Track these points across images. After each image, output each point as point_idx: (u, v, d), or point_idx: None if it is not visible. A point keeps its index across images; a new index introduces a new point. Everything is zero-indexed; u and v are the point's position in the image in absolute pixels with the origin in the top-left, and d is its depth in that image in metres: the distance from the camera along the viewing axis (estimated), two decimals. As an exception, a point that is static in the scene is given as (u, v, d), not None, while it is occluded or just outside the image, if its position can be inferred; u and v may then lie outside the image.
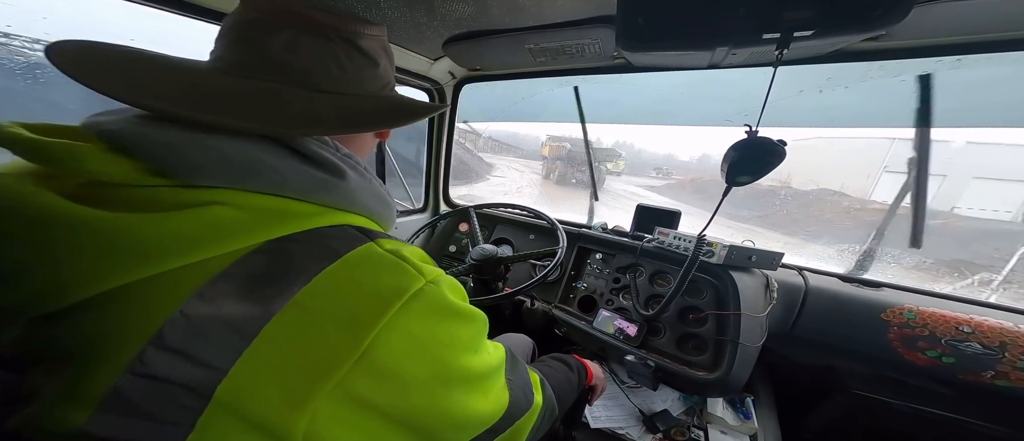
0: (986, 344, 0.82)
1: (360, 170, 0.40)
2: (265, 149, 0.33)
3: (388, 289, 0.32)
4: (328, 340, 0.28)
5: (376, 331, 0.29)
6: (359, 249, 0.33)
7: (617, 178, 6.92)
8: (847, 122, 1.23)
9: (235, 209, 0.30)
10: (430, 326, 0.34)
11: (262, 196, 0.32)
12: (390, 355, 0.30)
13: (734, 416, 0.94)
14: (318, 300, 0.29)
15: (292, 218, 0.32)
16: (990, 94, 0.91)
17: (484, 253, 1.13)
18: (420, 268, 0.34)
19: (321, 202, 0.35)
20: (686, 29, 0.65)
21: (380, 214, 0.42)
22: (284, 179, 0.33)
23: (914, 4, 0.54)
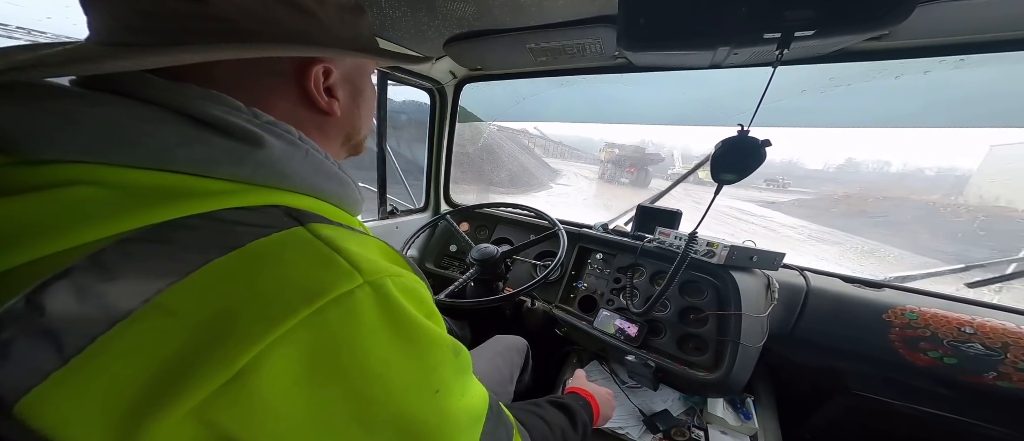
0: (988, 345, 0.81)
1: (291, 139, 0.31)
2: (141, 112, 0.26)
3: (300, 288, 0.24)
4: (192, 354, 0.21)
5: (263, 346, 0.22)
6: (276, 235, 0.25)
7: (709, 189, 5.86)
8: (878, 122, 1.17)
9: (100, 188, 0.23)
10: (355, 344, 0.25)
11: (142, 172, 0.24)
12: (278, 382, 0.22)
13: (735, 416, 0.94)
14: (192, 304, 0.22)
15: (185, 197, 0.25)
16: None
17: (484, 253, 1.13)
18: (358, 262, 0.26)
19: (234, 177, 0.27)
20: (687, 29, 0.65)
21: (331, 192, 0.34)
22: (168, 148, 0.25)
23: (917, 3, 0.54)
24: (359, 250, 0.28)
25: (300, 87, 0.35)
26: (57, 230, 0.22)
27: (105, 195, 0.23)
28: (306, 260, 0.25)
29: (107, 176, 0.24)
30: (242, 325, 0.22)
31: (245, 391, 0.22)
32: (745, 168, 0.69)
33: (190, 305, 0.22)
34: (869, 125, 1.13)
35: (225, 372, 0.21)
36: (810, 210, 3.88)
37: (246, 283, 0.23)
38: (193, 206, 0.25)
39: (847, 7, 0.54)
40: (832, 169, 12.21)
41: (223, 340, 0.22)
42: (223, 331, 0.22)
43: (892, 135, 21.17)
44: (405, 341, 0.28)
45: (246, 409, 0.22)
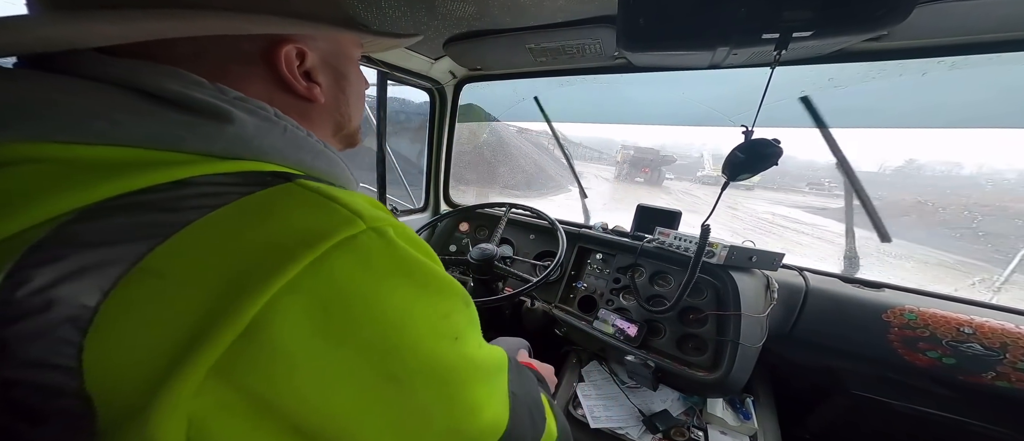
0: (987, 345, 0.81)
1: (266, 115, 0.29)
2: (79, 90, 0.24)
3: (297, 235, 0.22)
4: (193, 313, 0.20)
5: (269, 295, 0.21)
6: (263, 191, 0.24)
7: (749, 193, 5.11)
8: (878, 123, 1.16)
9: (49, 165, 0.22)
10: (368, 290, 0.23)
11: (92, 147, 0.23)
12: (293, 334, 0.21)
13: (734, 416, 0.94)
14: (180, 262, 0.21)
15: (148, 167, 0.23)
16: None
17: (484, 253, 1.13)
18: (358, 209, 0.25)
19: (200, 150, 0.25)
20: (686, 29, 0.65)
21: (317, 168, 0.31)
22: (113, 124, 0.23)
23: (916, 4, 0.54)
24: (354, 199, 0.26)
25: (272, 71, 0.31)
26: (11, 208, 0.20)
27: (55, 170, 0.22)
28: (301, 208, 0.24)
29: (54, 152, 0.22)
30: (241, 278, 0.21)
31: (261, 346, 0.21)
32: (758, 166, 0.73)
33: (179, 264, 0.21)
34: (883, 125, 1.11)
35: (234, 327, 0.20)
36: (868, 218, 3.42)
37: (238, 237, 0.22)
38: (159, 175, 0.23)
39: (845, 8, 0.55)
40: (889, 172, 11.30)
41: (223, 295, 0.20)
42: (222, 287, 0.21)
43: (953, 135, 19.77)
44: (419, 286, 0.26)
45: (267, 366, 0.21)
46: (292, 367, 0.21)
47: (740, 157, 0.72)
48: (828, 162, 1.10)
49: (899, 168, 3.10)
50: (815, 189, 4.27)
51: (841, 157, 1.00)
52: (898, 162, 2.85)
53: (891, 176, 3.34)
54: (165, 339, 0.20)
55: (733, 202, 4.30)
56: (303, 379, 0.22)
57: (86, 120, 0.23)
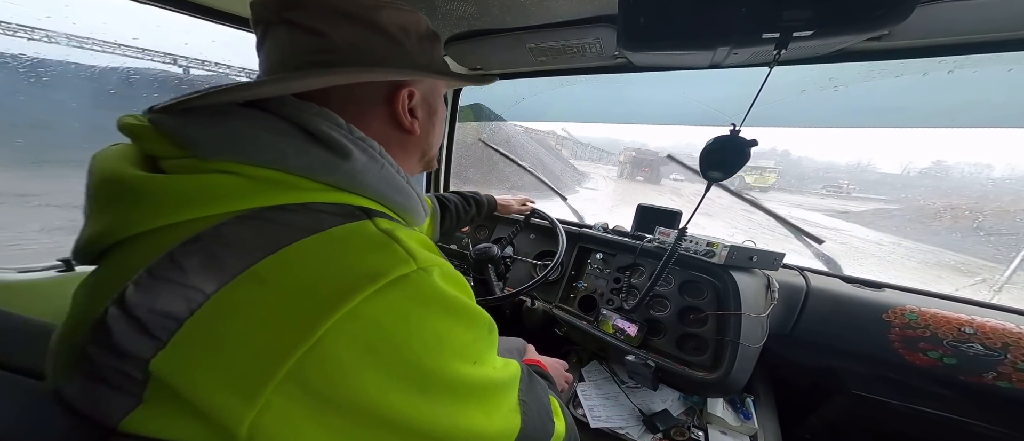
0: (988, 345, 0.81)
1: (372, 154, 0.38)
2: (273, 127, 0.34)
3: (363, 270, 0.28)
4: (279, 321, 0.26)
5: (336, 317, 0.26)
6: (348, 225, 0.32)
7: (763, 195, 5.08)
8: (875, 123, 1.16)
9: (235, 177, 0.31)
10: (412, 320, 0.30)
11: (265, 169, 0.32)
12: (351, 349, 0.27)
13: (734, 416, 0.94)
14: (280, 274, 0.27)
15: (288, 189, 0.33)
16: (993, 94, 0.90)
17: (484, 252, 1.13)
18: (413, 252, 0.31)
19: (324, 181, 0.35)
20: (687, 29, 0.65)
21: (396, 202, 0.40)
22: (284, 155, 0.33)
23: (917, 4, 0.54)
24: (412, 241, 0.33)
25: (390, 109, 0.42)
26: (199, 200, 0.30)
27: (236, 181, 0.31)
28: (368, 246, 0.31)
29: (244, 170, 0.32)
30: (319, 298, 0.27)
31: (325, 356, 0.26)
32: (732, 167, 0.70)
33: (278, 275, 0.27)
34: (891, 125, 1.10)
35: (308, 339, 0.25)
36: (897, 222, 3.17)
37: (322, 262, 0.29)
38: (294, 196, 0.33)
39: (846, 7, 0.54)
40: (914, 173, 11.11)
41: (304, 310, 0.26)
42: (304, 302, 0.26)
43: (983, 135, 18.59)
44: (452, 318, 0.33)
45: (330, 371, 0.26)
46: (347, 374, 0.27)
47: (707, 148, 0.71)
48: (847, 163, 1.08)
49: (926, 170, 2.85)
50: (832, 190, 4.14)
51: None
52: (924, 164, 2.67)
53: (918, 177, 3.10)
54: (254, 336, 0.25)
55: (748, 206, 4.21)
56: (355, 384, 0.27)
57: (269, 150, 0.33)
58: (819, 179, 3.95)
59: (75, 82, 1.16)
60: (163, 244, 0.28)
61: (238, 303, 0.26)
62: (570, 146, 4.60)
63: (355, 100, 0.40)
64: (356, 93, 0.40)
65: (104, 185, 0.32)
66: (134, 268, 0.27)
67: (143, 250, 0.28)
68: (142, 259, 0.28)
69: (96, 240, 0.31)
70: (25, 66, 1.06)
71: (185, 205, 0.30)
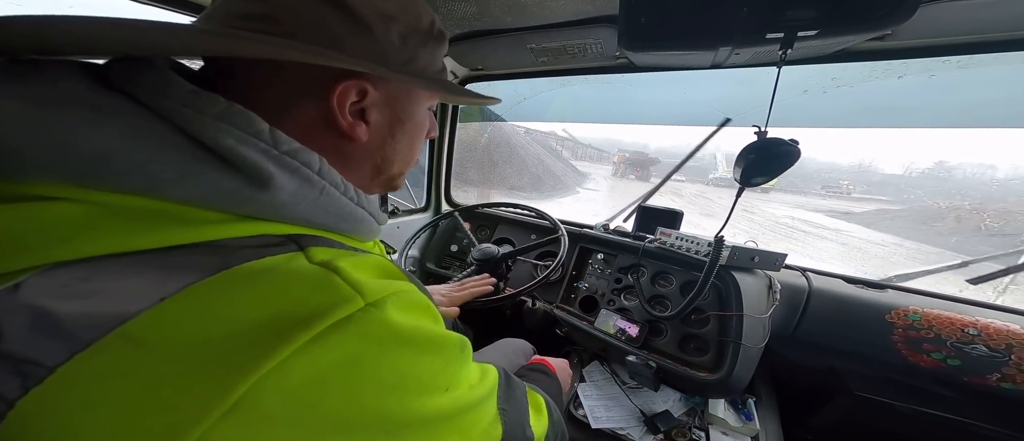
0: (992, 346, 0.81)
1: (307, 175, 0.29)
2: (140, 132, 0.24)
3: (294, 315, 0.22)
4: (175, 389, 0.19)
5: (259, 375, 0.20)
6: (267, 259, 0.24)
7: (764, 197, 4.81)
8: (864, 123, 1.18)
9: (81, 206, 0.22)
10: (365, 365, 0.24)
11: (123, 196, 0.23)
12: (286, 406, 0.21)
13: (736, 417, 0.94)
14: (164, 332, 0.20)
15: (169, 223, 0.24)
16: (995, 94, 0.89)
17: (485, 253, 1.13)
18: (359, 285, 0.25)
19: (230, 211, 0.26)
20: (688, 29, 0.65)
21: (342, 230, 0.33)
22: (158, 182, 0.23)
23: (920, 3, 0.54)
24: (358, 272, 0.27)
25: (325, 102, 0.32)
26: (34, 244, 0.21)
27: (86, 213, 0.22)
28: (301, 284, 0.24)
29: (91, 196, 0.22)
30: (231, 357, 0.20)
31: (249, 417, 0.20)
32: (777, 168, 0.70)
33: (163, 335, 0.20)
34: (893, 125, 1.11)
35: (221, 404, 0.19)
36: (900, 222, 3.18)
37: (231, 309, 0.22)
38: (181, 235, 0.24)
39: (850, 7, 0.54)
40: (916, 174, 11.12)
41: (209, 373, 0.20)
42: (208, 363, 0.20)
43: (986, 135, 17.29)
44: (415, 351, 0.28)
45: (257, 433, 0.20)
46: (283, 434, 0.21)
47: (751, 158, 0.70)
48: (850, 163, 1.08)
49: (928, 170, 2.87)
50: (830, 191, 4.09)
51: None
52: (927, 164, 2.66)
53: (920, 178, 3.11)
54: (132, 414, 0.19)
55: (754, 206, 4.20)
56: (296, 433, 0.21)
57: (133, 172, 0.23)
58: (817, 180, 3.90)
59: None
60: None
61: (100, 375, 0.19)
62: (570, 146, 4.66)
63: (286, 83, 0.31)
64: (286, 81, 0.31)
65: None
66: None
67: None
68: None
69: None
70: None
71: (12, 254, 0.21)
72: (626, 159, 7.06)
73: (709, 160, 6.71)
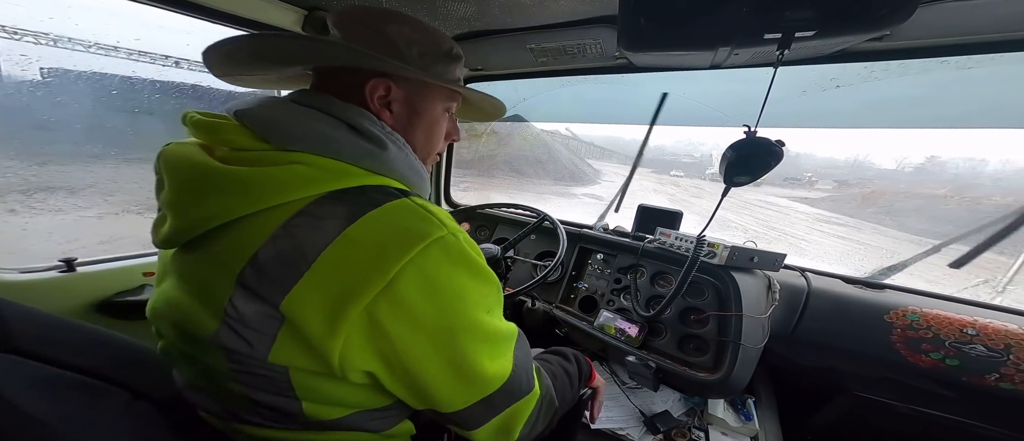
0: (991, 347, 0.81)
1: (400, 145, 0.49)
2: (331, 124, 0.44)
3: (414, 231, 0.38)
4: (363, 267, 0.35)
5: (401, 265, 0.36)
6: (397, 201, 0.41)
7: (756, 188, 5.17)
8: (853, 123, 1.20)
9: (310, 167, 0.40)
10: (445, 272, 0.39)
11: (327, 160, 0.42)
12: (409, 290, 0.36)
13: (735, 417, 0.94)
14: (361, 234, 0.37)
15: (346, 176, 0.42)
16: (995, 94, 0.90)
17: (485, 253, 1.13)
18: (444, 220, 0.41)
19: (367, 167, 0.44)
20: (688, 29, 0.65)
21: (413, 182, 0.50)
22: (341, 148, 0.43)
23: (918, 4, 0.54)
24: (441, 213, 0.42)
25: (362, 93, 0.49)
26: (293, 187, 0.39)
27: (312, 171, 0.40)
28: (415, 215, 0.40)
29: (313, 160, 0.41)
30: (389, 252, 0.36)
31: (393, 294, 0.36)
32: (760, 168, 0.70)
33: (362, 237, 0.37)
34: (887, 126, 1.11)
35: (382, 281, 0.35)
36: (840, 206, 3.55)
37: (388, 225, 0.38)
38: (351, 180, 0.42)
39: (848, 8, 0.54)
40: (909, 169, 11.22)
41: (380, 261, 0.36)
42: (379, 255, 0.36)
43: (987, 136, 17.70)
44: (473, 274, 0.42)
45: (393, 306, 0.36)
46: (404, 309, 0.37)
47: (735, 157, 0.70)
48: (846, 160, 1.09)
49: (921, 166, 3.13)
50: (789, 181, 4.47)
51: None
52: (919, 160, 2.83)
53: (913, 173, 3.41)
54: (348, 279, 0.35)
55: (748, 201, 4.34)
56: (406, 317, 0.37)
57: (330, 144, 0.43)
58: (779, 173, 4.19)
59: (77, 84, 1.17)
60: (272, 220, 0.37)
61: (337, 256, 0.36)
62: (574, 145, 4.74)
63: (358, 91, 0.49)
64: (356, 84, 0.49)
65: (196, 178, 0.39)
66: (249, 241, 0.37)
67: (254, 227, 0.37)
68: (255, 234, 0.37)
69: (197, 224, 0.39)
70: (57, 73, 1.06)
71: (280, 191, 0.38)
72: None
73: (706, 158, 6.84)
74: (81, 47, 1.13)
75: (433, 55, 0.52)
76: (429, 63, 0.52)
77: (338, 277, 0.35)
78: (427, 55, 0.52)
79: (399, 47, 0.50)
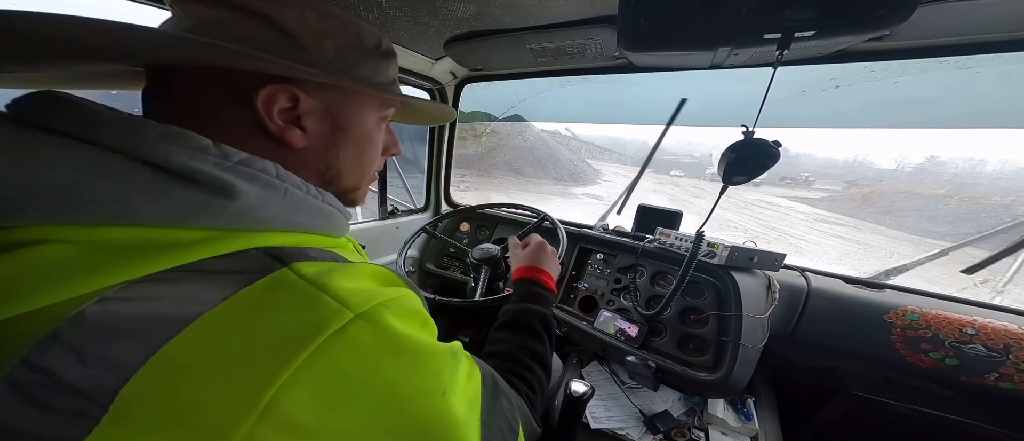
0: (990, 346, 0.81)
1: (267, 180, 0.31)
2: (102, 166, 0.25)
3: (293, 332, 0.24)
4: (215, 398, 0.22)
5: (279, 384, 0.23)
6: (259, 283, 0.26)
7: (755, 188, 5.32)
8: (852, 123, 1.20)
9: (68, 246, 0.23)
10: (363, 369, 0.26)
11: (109, 228, 0.24)
12: (304, 409, 0.24)
13: (735, 417, 0.94)
14: (190, 354, 0.22)
15: (161, 250, 0.25)
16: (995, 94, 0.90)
17: (485, 252, 1.13)
18: (345, 298, 0.27)
19: (209, 227, 0.27)
20: (687, 29, 0.65)
21: (315, 228, 0.34)
22: (131, 209, 0.25)
23: (918, 4, 0.54)
24: (345, 284, 0.28)
25: (252, 107, 0.32)
26: (29, 289, 0.22)
27: (73, 252, 0.23)
28: (294, 301, 0.26)
29: (72, 234, 0.23)
30: (252, 371, 0.23)
31: (278, 419, 0.23)
32: (756, 169, 0.70)
33: (193, 356, 0.23)
34: (888, 126, 1.12)
35: (253, 411, 0.22)
36: (836, 207, 3.55)
37: (243, 332, 0.24)
38: (171, 259, 0.25)
39: (847, 8, 0.54)
40: (909, 169, 11.27)
41: (239, 384, 0.22)
42: (236, 377, 0.23)
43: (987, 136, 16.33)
44: (405, 358, 0.29)
45: (289, 434, 0.23)
46: (305, 431, 0.24)
47: (733, 157, 0.71)
48: (845, 160, 1.10)
49: (920, 165, 3.22)
50: (785, 181, 4.56)
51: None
52: (919, 160, 2.88)
53: (913, 173, 3.52)
54: (190, 414, 0.21)
55: (748, 201, 4.41)
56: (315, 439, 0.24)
57: (106, 203, 0.24)
58: (776, 173, 4.22)
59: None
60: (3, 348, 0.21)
61: (153, 392, 0.21)
62: (573, 145, 4.79)
63: (215, 104, 0.32)
64: (215, 94, 0.32)
65: None
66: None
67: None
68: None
69: None
70: None
71: (12, 300, 0.22)
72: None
73: (705, 158, 6.93)
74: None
75: (357, 51, 0.37)
76: (353, 62, 0.37)
77: (170, 416, 0.21)
78: (349, 51, 0.37)
79: (303, 42, 0.33)
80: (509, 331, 0.58)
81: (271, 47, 0.32)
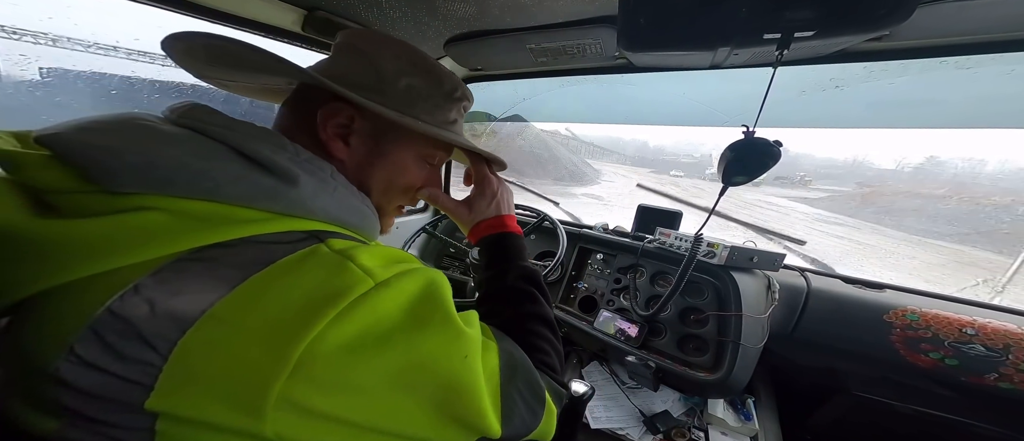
0: (990, 346, 0.81)
1: (323, 177, 0.37)
2: (201, 151, 0.31)
3: (322, 294, 0.28)
4: (249, 356, 0.25)
5: (306, 343, 0.26)
6: (298, 253, 0.30)
7: (756, 189, 5.15)
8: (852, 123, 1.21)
9: (164, 214, 0.28)
10: (384, 331, 0.30)
11: (193, 202, 0.29)
12: (331, 366, 0.27)
13: (735, 417, 0.94)
14: (236, 313, 0.26)
15: (225, 224, 0.30)
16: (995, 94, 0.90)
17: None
18: (370, 269, 0.31)
19: (267, 208, 0.32)
20: (687, 29, 0.65)
21: (351, 224, 0.39)
22: (216, 185, 0.30)
23: (918, 4, 0.54)
24: (369, 258, 0.32)
25: (315, 122, 0.41)
26: (129, 246, 0.27)
27: (164, 220, 0.28)
28: (324, 270, 0.30)
29: (169, 204, 0.29)
30: (287, 328, 0.26)
31: (308, 376, 0.26)
32: (757, 169, 0.70)
33: (239, 314, 0.26)
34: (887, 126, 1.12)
35: (286, 367, 0.25)
36: (837, 207, 3.57)
37: (281, 293, 0.28)
38: (232, 231, 0.30)
39: (847, 8, 0.54)
40: (908, 169, 11.27)
41: (274, 342, 0.26)
42: (272, 334, 0.26)
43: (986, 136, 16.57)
44: (424, 324, 0.32)
45: (320, 389, 0.27)
46: (334, 386, 0.27)
47: (733, 156, 0.70)
48: (845, 160, 1.09)
49: (920, 165, 3.25)
50: (782, 181, 4.63)
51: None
52: (918, 160, 2.90)
53: (912, 173, 3.54)
54: (232, 370, 0.25)
55: (748, 201, 4.42)
56: (343, 394, 0.28)
57: (198, 180, 0.30)
58: (772, 172, 4.34)
59: (77, 84, 1.17)
60: (91, 297, 0.25)
61: (204, 345, 0.25)
62: (574, 145, 4.81)
63: (297, 115, 0.43)
64: (300, 107, 0.43)
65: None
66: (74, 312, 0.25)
67: (66, 305, 0.26)
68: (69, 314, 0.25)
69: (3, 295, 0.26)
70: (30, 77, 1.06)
71: (104, 255, 0.26)
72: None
73: (705, 158, 6.94)
74: (80, 47, 1.13)
75: (424, 93, 0.45)
76: (416, 100, 0.44)
77: (217, 367, 0.25)
78: (415, 91, 0.44)
79: (382, 77, 0.42)
80: (504, 303, 0.52)
81: (349, 73, 0.42)
